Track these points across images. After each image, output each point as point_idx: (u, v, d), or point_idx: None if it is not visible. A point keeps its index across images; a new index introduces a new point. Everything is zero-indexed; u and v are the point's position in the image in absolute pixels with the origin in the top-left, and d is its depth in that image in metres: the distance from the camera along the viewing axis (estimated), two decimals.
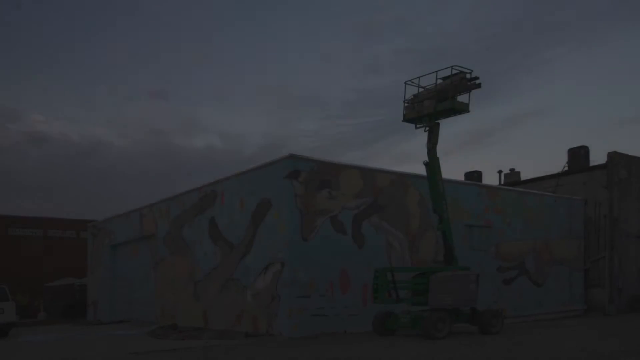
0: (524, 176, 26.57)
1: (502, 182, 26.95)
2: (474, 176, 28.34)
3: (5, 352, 14.18)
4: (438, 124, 14.99)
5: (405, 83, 15.42)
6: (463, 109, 14.83)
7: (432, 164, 14.93)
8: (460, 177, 28.32)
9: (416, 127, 15.29)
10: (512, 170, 27.13)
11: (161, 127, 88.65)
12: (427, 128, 14.99)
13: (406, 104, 15.45)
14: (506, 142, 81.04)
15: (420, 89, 15.36)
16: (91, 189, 75.15)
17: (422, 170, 15.57)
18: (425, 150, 15.02)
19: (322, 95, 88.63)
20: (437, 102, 14.70)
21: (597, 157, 55.39)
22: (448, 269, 14.63)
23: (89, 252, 28.52)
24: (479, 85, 14.65)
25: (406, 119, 15.37)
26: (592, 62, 77.59)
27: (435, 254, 17.93)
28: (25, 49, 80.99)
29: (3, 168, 70.75)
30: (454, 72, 14.64)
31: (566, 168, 24.56)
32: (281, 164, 15.39)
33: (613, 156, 22.63)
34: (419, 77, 15.34)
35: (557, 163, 69.14)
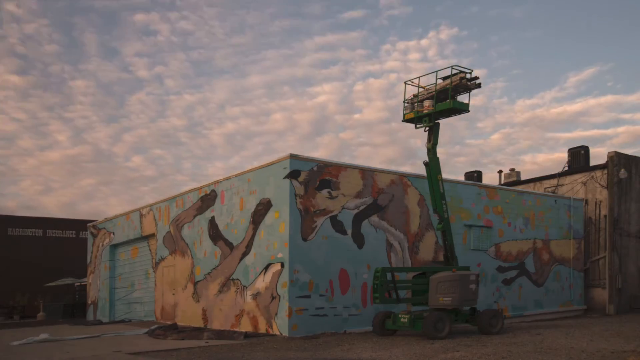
0: (524, 176, 26.57)
1: (502, 182, 26.94)
2: (474, 176, 28.35)
3: (5, 352, 14.18)
4: (438, 124, 15.02)
5: (405, 83, 15.46)
6: (463, 108, 14.87)
7: (432, 164, 14.95)
8: (461, 177, 28.32)
9: (416, 127, 15.32)
10: (512, 170, 27.12)
11: None
12: (427, 128, 15.02)
13: (406, 104, 15.49)
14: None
15: (420, 89, 15.39)
16: None
17: (422, 170, 15.62)
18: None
19: None
20: (437, 102, 14.74)
21: (597, 157, 56.30)
22: (448, 269, 14.63)
23: (89, 252, 28.55)
24: (478, 85, 14.68)
25: (406, 119, 15.39)
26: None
27: (435, 254, 17.95)
28: None
29: None
30: (454, 72, 14.67)
31: (566, 168, 24.58)
32: (281, 164, 15.41)
33: (613, 156, 22.66)
34: (419, 77, 15.40)
35: (558, 163, 71.11)
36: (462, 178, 27.82)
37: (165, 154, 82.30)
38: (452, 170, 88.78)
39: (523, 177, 26.45)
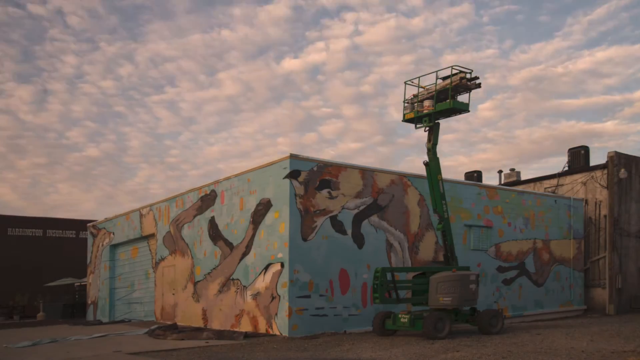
0: (522, 166, 26.57)
1: (502, 182, 26.95)
2: (474, 176, 28.36)
3: (5, 352, 14.18)
4: (438, 124, 15.04)
5: (405, 83, 15.47)
6: (463, 108, 14.88)
7: (432, 163, 14.96)
8: (460, 177, 28.33)
9: (416, 127, 15.33)
10: (512, 170, 27.13)
11: None
12: (427, 128, 15.03)
13: (406, 104, 15.50)
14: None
15: (420, 89, 15.39)
16: None
17: (422, 170, 15.63)
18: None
19: None
20: (437, 102, 14.75)
21: (605, 137, 52.04)
22: (448, 269, 14.63)
23: (88, 252, 28.55)
24: (478, 85, 14.69)
25: (406, 119, 15.40)
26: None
27: (435, 254, 17.95)
28: None
29: None
30: (454, 72, 14.68)
31: (566, 168, 24.58)
32: (281, 164, 15.41)
33: (613, 156, 22.66)
34: (419, 77, 15.41)
35: (558, 142, 65.10)
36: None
37: (102, 129, 69.88)
38: (440, 154, 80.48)
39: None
